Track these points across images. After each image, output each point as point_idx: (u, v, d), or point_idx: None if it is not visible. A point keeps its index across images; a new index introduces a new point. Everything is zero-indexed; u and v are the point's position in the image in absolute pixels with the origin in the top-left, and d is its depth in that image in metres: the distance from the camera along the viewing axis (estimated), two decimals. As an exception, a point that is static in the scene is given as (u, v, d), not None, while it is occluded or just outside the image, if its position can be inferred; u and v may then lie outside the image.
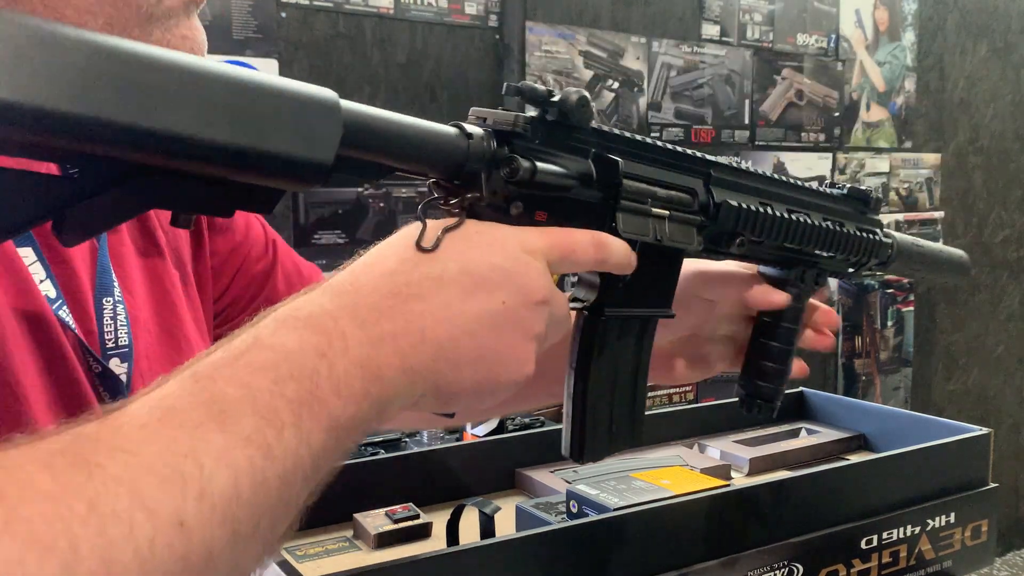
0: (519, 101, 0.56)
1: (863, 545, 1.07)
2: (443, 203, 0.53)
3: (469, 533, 1.04)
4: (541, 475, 1.22)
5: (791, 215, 0.74)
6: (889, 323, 3.42)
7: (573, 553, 0.89)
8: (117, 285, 0.62)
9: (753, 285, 0.78)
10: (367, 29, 2.29)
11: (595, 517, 0.94)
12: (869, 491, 1.09)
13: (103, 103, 0.38)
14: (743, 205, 0.69)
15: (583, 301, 0.62)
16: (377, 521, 1.09)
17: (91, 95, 0.37)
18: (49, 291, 0.56)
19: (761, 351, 0.86)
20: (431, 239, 0.49)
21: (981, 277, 3.70)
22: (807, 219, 0.76)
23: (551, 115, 0.55)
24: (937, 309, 3.58)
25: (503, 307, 0.50)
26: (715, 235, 0.69)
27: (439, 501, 1.17)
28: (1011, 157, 3.73)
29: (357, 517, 1.10)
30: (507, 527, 1.07)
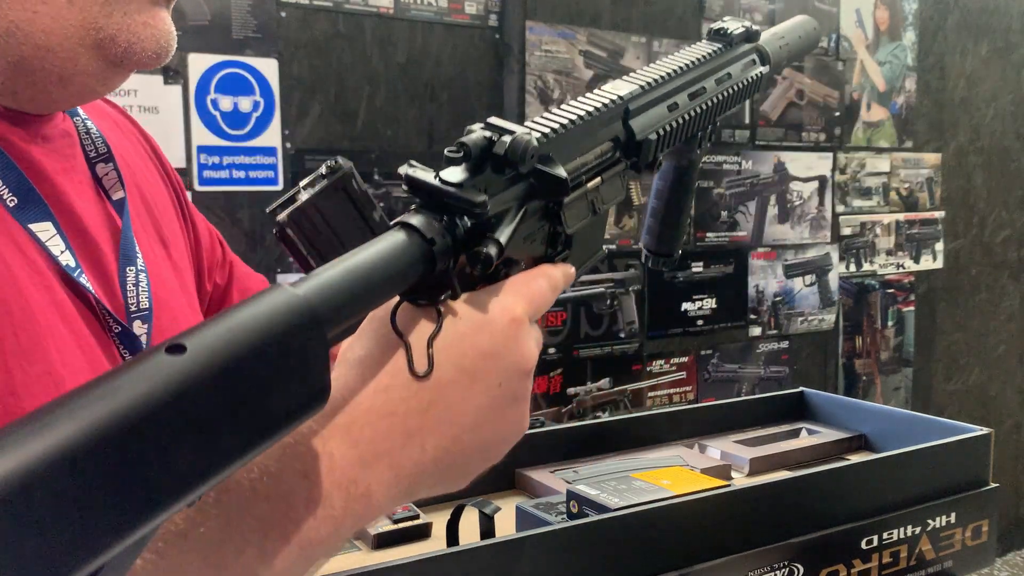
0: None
1: (863, 545, 1.07)
2: (417, 303, 0.50)
3: (469, 533, 1.04)
4: (541, 475, 1.22)
5: (698, 106, 0.75)
6: (890, 323, 3.42)
7: (573, 553, 0.89)
8: (140, 256, 0.66)
9: None
10: (367, 29, 2.29)
11: (595, 517, 0.94)
12: (869, 491, 1.09)
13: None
14: (661, 132, 0.69)
15: None
16: (377, 521, 1.09)
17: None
18: (69, 261, 0.59)
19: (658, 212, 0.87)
20: (423, 362, 0.47)
21: (982, 277, 3.70)
22: (710, 101, 0.76)
23: (494, 157, 0.52)
24: (938, 309, 3.58)
25: (500, 390, 0.49)
26: (638, 165, 0.69)
27: (439, 501, 1.17)
28: (1012, 157, 3.73)
29: (357, 517, 1.10)
30: (507, 527, 1.07)
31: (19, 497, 0.29)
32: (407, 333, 0.48)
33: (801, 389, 1.53)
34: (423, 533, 1.10)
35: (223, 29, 2.11)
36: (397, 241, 0.47)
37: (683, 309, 2.86)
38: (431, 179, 0.50)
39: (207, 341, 0.36)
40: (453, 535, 1.03)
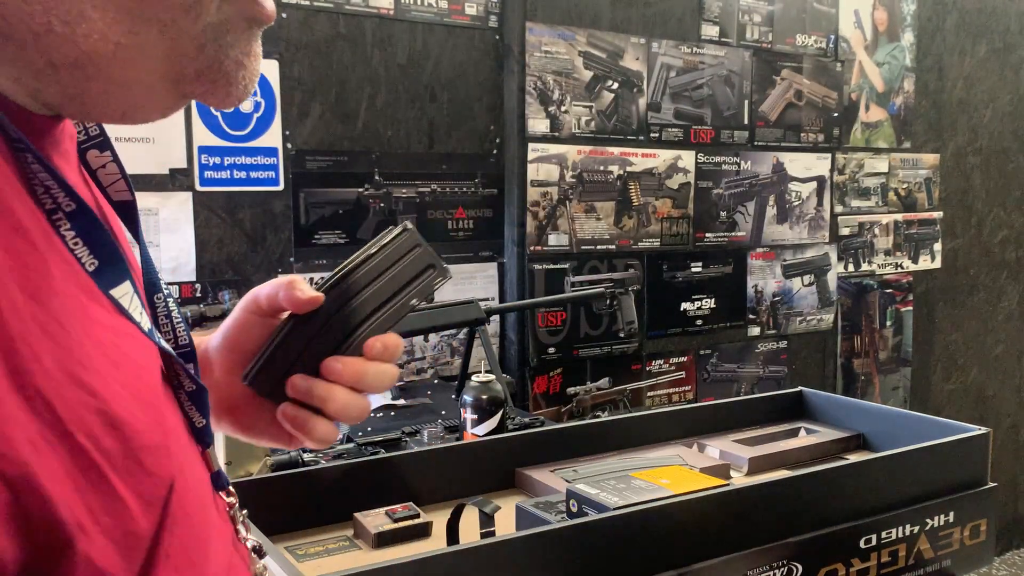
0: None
1: (862, 544, 1.07)
2: None
3: (469, 533, 1.04)
4: (541, 475, 1.22)
5: None
6: (888, 323, 3.43)
7: (573, 553, 0.89)
8: (162, 280, 0.55)
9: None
10: (367, 30, 2.29)
11: (595, 517, 0.94)
12: (868, 490, 1.09)
13: None
14: None
15: None
16: (377, 520, 1.09)
17: None
18: (146, 323, 0.47)
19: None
20: None
21: (980, 277, 3.70)
22: None
23: None
24: (936, 309, 3.59)
25: None
26: None
27: (439, 501, 1.17)
28: (1010, 157, 3.73)
29: (357, 516, 1.11)
30: (507, 527, 1.07)
31: None
32: None
33: (800, 389, 1.54)
34: (423, 532, 1.10)
35: (223, 30, 2.11)
36: None
37: (682, 309, 2.86)
38: None
39: None
40: (453, 534, 1.04)
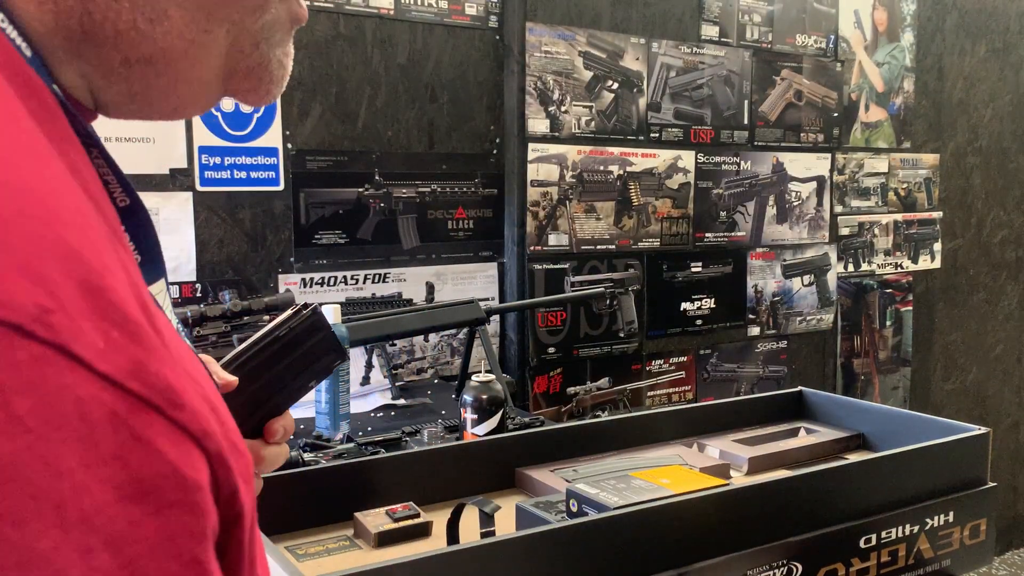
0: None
1: (862, 544, 1.07)
2: None
3: (469, 532, 1.04)
4: (541, 475, 1.22)
5: None
6: (888, 323, 3.43)
7: (573, 553, 0.89)
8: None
9: None
10: (367, 30, 2.29)
11: (595, 516, 0.94)
12: (868, 490, 1.09)
13: None
14: None
15: None
16: (378, 520, 1.09)
17: None
18: (174, 320, 0.49)
19: None
20: None
21: (980, 277, 3.71)
22: None
23: None
24: (936, 309, 3.59)
25: None
26: None
27: (439, 500, 1.17)
28: (1009, 157, 3.74)
29: (358, 516, 1.11)
30: (507, 527, 1.07)
31: None
32: None
33: (800, 388, 1.54)
34: (423, 532, 1.10)
35: (223, 30, 2.11)
36: None
37: (682, 309, 2.86)
38: None
39: None
40: (453, 534, 1.04)
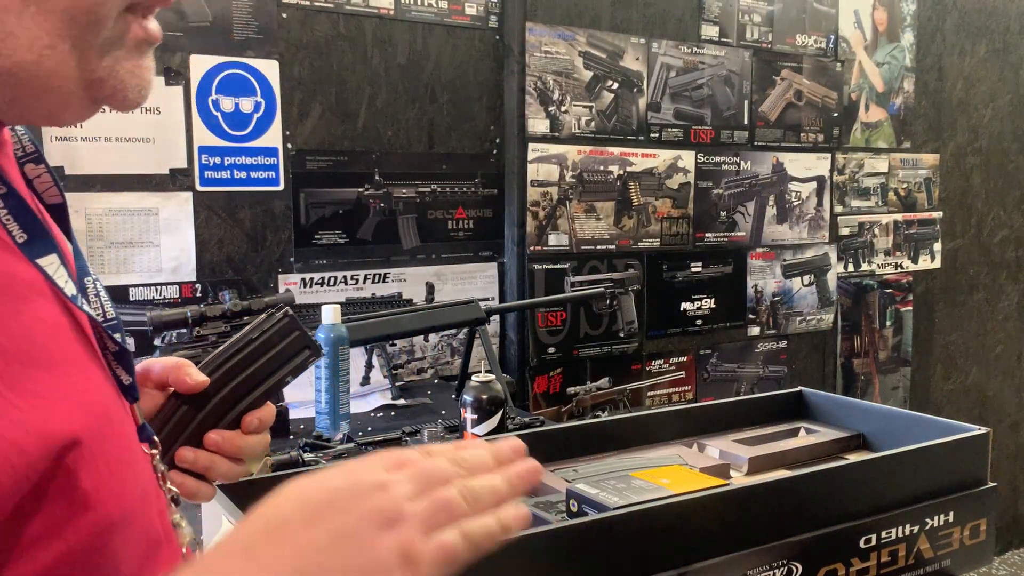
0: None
1: (862, 544, 1.07)
2: None
3: (470, 532, 1.04)
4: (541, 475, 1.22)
5: None
6: (888, 323, 3.43)
7: (573, 553, 0.89)
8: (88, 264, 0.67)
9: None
10: (367, 30, 2.29)
11: (595, 516, 0.94)
12: (868, 490, 1.09)
13: None
14: None
15: None
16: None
17: None
18: (72, 290, 0.58)
19: None
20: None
21: (980, 277, 3.71)
22: None
23: None
24: (936, 309, 3.59)
25: (341, 530, 0.52)
26: None
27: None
28: (1009, 157, 3.74)
29: (358, 516, 1.10)
30: (507, 526, 1.07)
31: None
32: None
33: (800, 388, 1.54)
34: (424, 532, 1.10)
35: (224, 30, 2.11)
36: None
37: (682, 309, 2.86)
38: None
39: None
40: (454, 534, 1.04)
